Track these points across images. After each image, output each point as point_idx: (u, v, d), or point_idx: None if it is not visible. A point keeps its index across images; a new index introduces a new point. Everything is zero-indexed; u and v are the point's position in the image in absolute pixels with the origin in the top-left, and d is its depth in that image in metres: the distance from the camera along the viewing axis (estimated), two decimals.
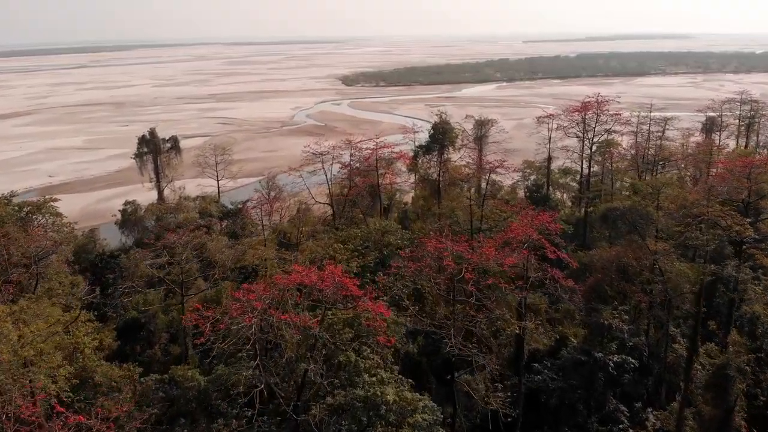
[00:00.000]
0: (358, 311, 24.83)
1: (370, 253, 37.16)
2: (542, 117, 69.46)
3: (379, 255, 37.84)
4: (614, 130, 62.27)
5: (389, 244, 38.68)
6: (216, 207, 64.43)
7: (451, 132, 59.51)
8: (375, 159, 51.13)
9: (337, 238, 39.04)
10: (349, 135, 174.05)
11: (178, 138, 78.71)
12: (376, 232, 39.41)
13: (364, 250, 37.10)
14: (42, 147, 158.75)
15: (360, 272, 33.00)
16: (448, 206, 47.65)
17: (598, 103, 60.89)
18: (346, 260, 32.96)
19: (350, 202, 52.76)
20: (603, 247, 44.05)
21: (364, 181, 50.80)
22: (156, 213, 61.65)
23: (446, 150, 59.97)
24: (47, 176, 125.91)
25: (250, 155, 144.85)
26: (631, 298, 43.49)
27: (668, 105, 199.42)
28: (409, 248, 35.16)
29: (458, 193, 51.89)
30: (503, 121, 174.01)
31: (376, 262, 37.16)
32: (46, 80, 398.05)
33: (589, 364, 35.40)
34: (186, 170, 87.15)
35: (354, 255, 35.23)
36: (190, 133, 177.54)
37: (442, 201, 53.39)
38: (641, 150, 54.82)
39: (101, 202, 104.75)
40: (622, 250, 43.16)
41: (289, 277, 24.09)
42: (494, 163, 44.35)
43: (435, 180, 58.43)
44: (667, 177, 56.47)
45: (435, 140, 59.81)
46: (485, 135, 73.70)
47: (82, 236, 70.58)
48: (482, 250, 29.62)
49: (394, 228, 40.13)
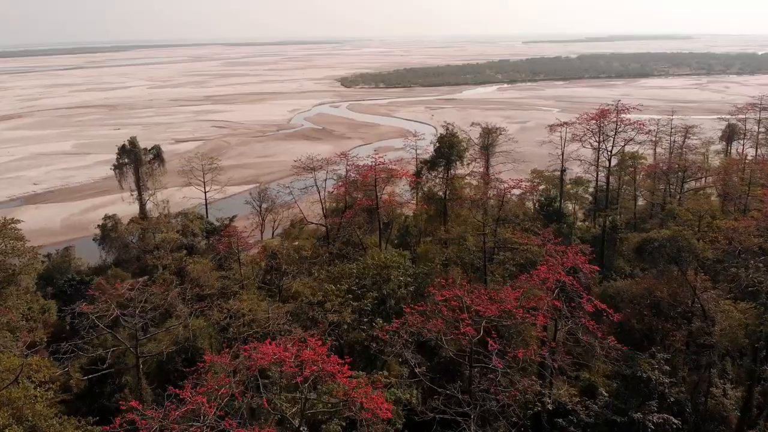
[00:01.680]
0: (347, 397, 19.54)
1: (368, 294, 31.78)
2: (555, 125, 64.15)
3: (378, 295, 32.45)
4: (634, 140, 56.86)
5: (390, 279, 33.29)
6: (200, 224, 59.23)
7: (458, 145, 53.66)
8: (373, 177, 45.53)
9: (329, 275, 33.73)
10: (348, 139, 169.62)
11: (160, 147, 73.20)
12: (374, 266, 34.01)
13: (360, 290, 31.79)
14: (29, 152, 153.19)
15: (355, 320, 27.70)
16: (457, 231, 42.14)
17: (618, 110, 55.45)
18: (338, 305, 27.65)
19: (346, 223, 47.36)
20: (633, 278, 38.74)
21: (361, 202, 45.33)
22: (133, 232, 56.36)
23: (453, 165, 53.98)
24: (32, 184, 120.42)
25: (244, 161, 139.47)
26: (665, 337, 38.30)
27: (675, 108, 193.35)
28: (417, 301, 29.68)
29: (467, 214, 46.22)
30: (506, 124, 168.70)
31: (376, 302, 31.82)
32: (40, 81, 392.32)
33: (625, 424, 30.09)
34: (176, 178, 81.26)
35: (348, 299, 29.90)
36: (183, 137, 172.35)
37: (449, 223, 48.06)
38: (667, 164, 49.33)
39: (85, 212, 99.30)
40: (655, 282, 37.93)
41: (257, 359, 18.81)
42: (509, 182, 38.77)
43: (441, 198, 52.80)
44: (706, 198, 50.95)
45: (441, 154, 53.83)
46: (493, 144, 68.39)
47: (56, 255, 65.37)
48: (502, 296, 24.27)
49: (395, 260, 34.66)
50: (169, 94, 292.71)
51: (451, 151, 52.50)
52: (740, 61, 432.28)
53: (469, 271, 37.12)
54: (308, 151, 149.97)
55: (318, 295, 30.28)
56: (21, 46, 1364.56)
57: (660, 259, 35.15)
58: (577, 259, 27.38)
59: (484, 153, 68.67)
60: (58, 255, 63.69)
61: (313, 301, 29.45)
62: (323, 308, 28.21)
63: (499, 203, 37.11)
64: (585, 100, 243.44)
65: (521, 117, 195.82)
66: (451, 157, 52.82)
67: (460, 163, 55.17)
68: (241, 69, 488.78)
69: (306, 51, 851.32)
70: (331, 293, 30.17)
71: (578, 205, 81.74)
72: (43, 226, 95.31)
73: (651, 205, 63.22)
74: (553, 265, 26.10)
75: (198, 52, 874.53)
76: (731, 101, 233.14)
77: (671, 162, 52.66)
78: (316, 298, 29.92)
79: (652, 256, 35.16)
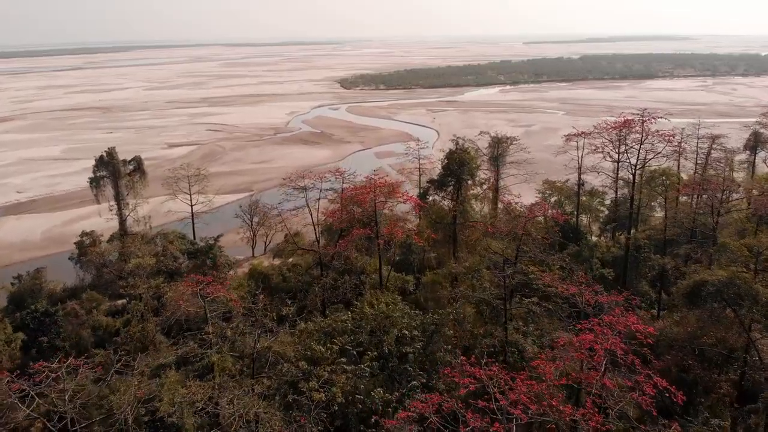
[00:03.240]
0: None
1: (365, 357, 26.31)
2: (571, 135, 58.70)
3: (378, 353, 26.93)
4: (662, 153, 51.34)
5: (390, 332, 27.72)
6: (182, 243, 53.80)
7: (470, 163, 47.63)
8: (373, 200, 39.90)
9: (318, 327, 28.28)
10: (347, 143, 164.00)
11: (141, 159, 67.66)
12: (374, 317, 28.48)
13: (356, 349, 26.38)
14: (17, 157, 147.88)
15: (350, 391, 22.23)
16: (470, 262, 36.64)
17: (643, 120, 49.94)
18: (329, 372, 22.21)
19: (340, 253, 41.87)
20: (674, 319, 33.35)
21: (358, 232, 39.72)
22: (106, 255, 50.95)
23: (464, 184, 47.92)
24: (15, 192, 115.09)
25: (239, 167, 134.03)
26: (711, 388, 32.94)
27: (683, 111, 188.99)
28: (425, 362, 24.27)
29: (479, 240, 40.51)
30: (511, 128, 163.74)
31: (374, 361, 26.31)
32: (35, 83, 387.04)
33: None
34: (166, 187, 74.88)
35: (341, 363, 24.48)
36: (177, 141, 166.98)
37: (460, 252, 42.59)
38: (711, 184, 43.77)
39: (68, 224, 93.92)
40: (701, 324, 32.56)
41: None
42: (532, 210, 33.01)
43: (450, 223, 47.00)
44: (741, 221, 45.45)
45: (450, 173, 47.65)
46: (503, 154, 62.95)
47: (27, 276, 59.97)
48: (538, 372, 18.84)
49: (398, 311, 28.86)
50: (166, 96, 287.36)
51: (462, 170, 46.42)
52: (744, 62, 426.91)
53: (485, 312, 31.83)
54: (306, 156, 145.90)
55: (303, 365, 24.62)
56: (21, 47, 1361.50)
57: (716, 306, 29.86)
58: (633, 322, 21.75)
59: (493, 164, 63.23)
60: (28, 277, 58.33)
61: (297, 375, 23.70)
62: (308, 384, 22.74)
63: (517, 232, 31.46)
64: (590, 102, 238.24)
65: (526, 120, 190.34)
66: (462, 176, 46.74)
67: (472, 182, 49.26)
68: (240, 70, 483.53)
69: (306, 51, 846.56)
70: (320, 356, 24.63)
71: (592, 218, 76.42)
72: (23, 238, 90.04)
73: (673, 219, 57.86)
74: (601, 330, 20.57)
75: (198, 53, 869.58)
76: (740, 104, 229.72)
77: (712, 181, 46.96)
78: (302, 368, 24.31)
79: (706, 302, 29.92)
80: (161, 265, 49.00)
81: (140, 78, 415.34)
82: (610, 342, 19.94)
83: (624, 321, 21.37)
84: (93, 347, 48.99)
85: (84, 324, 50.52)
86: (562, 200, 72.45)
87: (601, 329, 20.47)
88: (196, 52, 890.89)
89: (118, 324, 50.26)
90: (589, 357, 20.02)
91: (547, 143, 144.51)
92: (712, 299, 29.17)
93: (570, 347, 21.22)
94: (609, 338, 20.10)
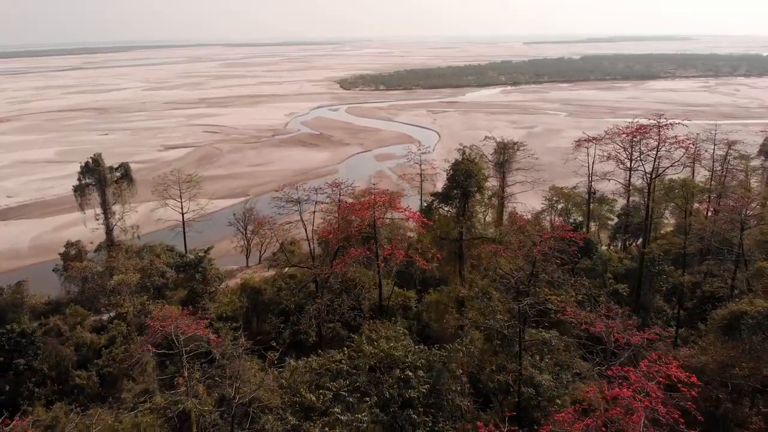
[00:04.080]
0: None
1: (362, 406, 23.27)
2: (581, 140, 55.87)
3: (378, 399, 23.82)
4: (675, 160, 48.48)
5: (392, 371, 24.59)
6: (170, 256, 50.87)
7: (478, 174, 44.39)
8: (372, 217, 36.95)
9: (308, 367, 25.28)
10: (346, 145, 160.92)
11: (129, 165, 64.71)
12: (373, 356, 25.39)
13: (353, 395, 23.39)
14: (10, 160, 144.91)
15: None
16: (479, 285, 33.59)
17: (659, 127, 47.04)
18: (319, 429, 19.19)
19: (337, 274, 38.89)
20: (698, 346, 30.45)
21: (356, 252, 36.82)
22: (90, 269, 48.04)
23: (471, 197, 44.74)
24: (6, 197, 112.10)
25: (235, 170, 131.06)
26: (742, 424, 30.05)
27: (687, 112, 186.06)
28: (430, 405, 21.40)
29: (489, 258, 37.36)
30: (513, 130, 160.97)
31: (374, 408, 23.26)
32: (34, 83, 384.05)
33: None
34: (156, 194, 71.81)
35: (335, 414, 21.58)
36: (173, 143, 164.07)
37: (467, 271, 39.60)
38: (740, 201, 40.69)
39: (58, 230, 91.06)
40: (731, 354, 29.68)
41: None
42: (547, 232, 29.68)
43: (456, 239, 43.87)
44: None
45: (456, 184, 44.43)
46: (509, 160, 60.07)
47: (7, 290, 57.02)
48: None
49: (401, 348, 25.75)
50: (164, 97, 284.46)
51: (469, 181, 43.13)
52: (746, 63, 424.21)
53: (495, 341, 28.89)
54: (304, 158, 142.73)
55: (291, 420, 21.64)
56: (20, 47, 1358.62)
57: (755, 338, 27.04)
58: (674, 372, 18.83)
59: (498, 170, 60.39)
60: (9, 290, 55.39)
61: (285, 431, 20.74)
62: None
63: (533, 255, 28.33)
64: (593, 103, 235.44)
65: (528, 122, 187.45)
66: (469, 188, 43.49)
67: (479, 194, 46.15)
68: (239, 70, 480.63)
69: (305, 52, 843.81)
70: (311, 405, 21.63)
71: (600, 225, 73.52)
72: (10, 246, 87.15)
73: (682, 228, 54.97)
74: (638, 381, 17.58)
75: (197, 53, 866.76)
76: (744, 105, 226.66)
77: (738, 194, 44.05)
78: (289, 422, 21.37)
79: (742, 334, 27.10)
80: (147, 281, 46.10)
81: (139, 78, 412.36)
82: (652, 399, 17.08)
83: (665, 370, 18.48)
84: (75, 368, 46.25)
85: (67, 342, 47.69)
86: (570, 207, 69.57)
87: (638, 379, 17.60)
88: (196, 53, 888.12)
89: (103, 341, 47.48)
90: (625, 416, 17.11)
91: (551, 145, 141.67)
92: (751, 332, 26.42)
93: (601, 400, 18.34)
94: (649, 392, 17.19)
